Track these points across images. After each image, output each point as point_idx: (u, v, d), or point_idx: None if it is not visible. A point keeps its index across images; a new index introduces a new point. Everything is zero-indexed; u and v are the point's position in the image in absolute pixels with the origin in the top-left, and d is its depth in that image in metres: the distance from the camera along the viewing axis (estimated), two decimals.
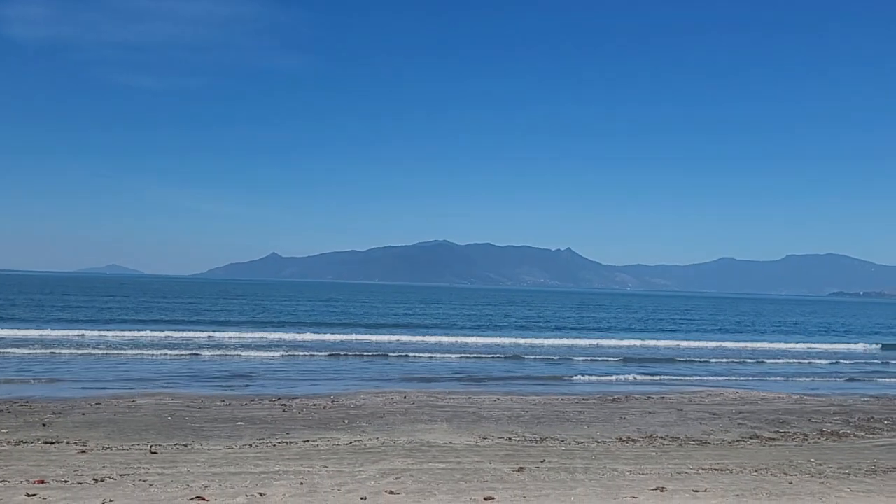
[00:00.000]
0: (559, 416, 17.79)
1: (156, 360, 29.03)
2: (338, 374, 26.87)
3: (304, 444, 13.52)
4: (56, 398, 18.80)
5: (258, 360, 30.52)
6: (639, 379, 27.87)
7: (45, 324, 43.28)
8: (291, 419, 16.45)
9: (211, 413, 16.99)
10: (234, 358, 31.02)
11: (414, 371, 28.36)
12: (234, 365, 28.43)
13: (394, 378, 25.77)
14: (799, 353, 43.11)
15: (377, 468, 11.47)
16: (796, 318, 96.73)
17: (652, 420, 17.50)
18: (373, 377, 25.97)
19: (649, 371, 30.48)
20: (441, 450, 13.19)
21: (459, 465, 11.85)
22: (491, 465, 11.90)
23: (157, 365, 27.54)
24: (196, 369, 26.47)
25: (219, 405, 18.15)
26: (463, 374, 27.57)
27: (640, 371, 30.05)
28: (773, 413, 19.17)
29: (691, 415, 18.47)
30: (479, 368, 30.04)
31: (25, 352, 29.61)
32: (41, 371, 24.45)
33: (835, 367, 35.85)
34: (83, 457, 11.96)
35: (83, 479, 10.37)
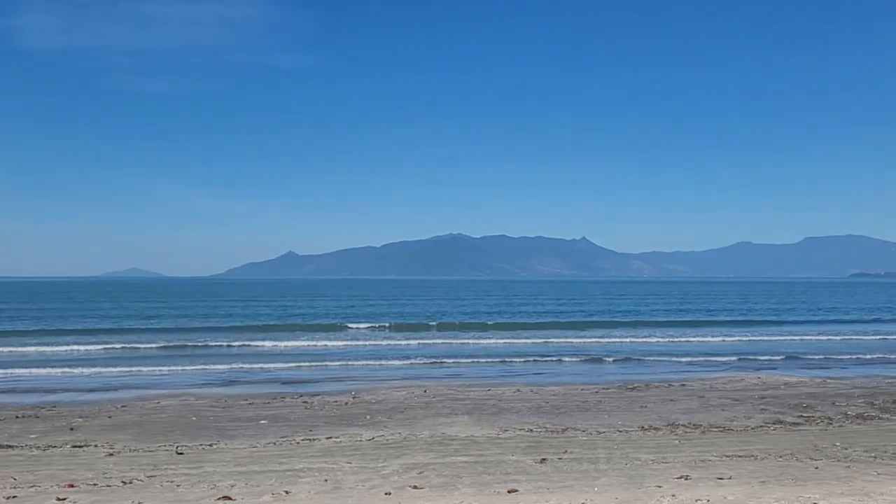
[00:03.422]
0: (580, 405, 17.78)
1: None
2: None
3: (326, 440, 13.62)
4: (83, 402, 19.05)
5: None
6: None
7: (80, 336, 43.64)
8: (314, 416, 16.56)
9: (235, 412, 17.15)
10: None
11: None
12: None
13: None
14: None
15: (400, 463, 11.54)
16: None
17: (673, 407, 17.45)
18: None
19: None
20: (463, 443, 13.24)
21: (482, 458, 11.89)
22: (513, 457, 11.93)
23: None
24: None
25: (242, 404, 18.31)
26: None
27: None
28: (797, 397, 19.05)
29: (713, 401, 18.39)
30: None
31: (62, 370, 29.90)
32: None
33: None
34: (111, 459, 12.12)
35: (112, 481, 10.51)
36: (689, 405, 17.82)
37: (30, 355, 31.13)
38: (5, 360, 29.53)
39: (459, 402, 18.31)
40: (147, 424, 15.61)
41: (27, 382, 23.16)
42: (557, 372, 26.17)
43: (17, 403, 18.68)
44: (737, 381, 22.36)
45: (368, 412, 16.99)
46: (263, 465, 11.54)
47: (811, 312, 67.05)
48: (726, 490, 9.55)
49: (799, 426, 15.05)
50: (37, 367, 26.64)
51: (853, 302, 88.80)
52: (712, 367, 27.69)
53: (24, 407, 18.05)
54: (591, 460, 11.68)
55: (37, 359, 30.13)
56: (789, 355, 31.70)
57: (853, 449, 12.47)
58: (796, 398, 18.90)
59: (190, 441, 13.73)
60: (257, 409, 17.66)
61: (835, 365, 28.48)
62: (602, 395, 19.71)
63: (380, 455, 12.18)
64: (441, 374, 25.15)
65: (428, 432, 14.36)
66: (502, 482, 10.23)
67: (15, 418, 16.43)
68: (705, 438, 13.75)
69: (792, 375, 24.26)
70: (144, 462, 11.84)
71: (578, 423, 15.35)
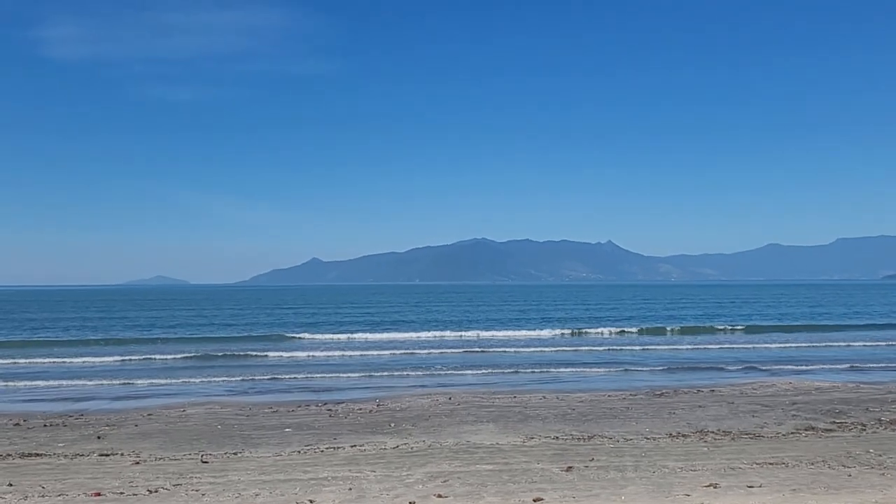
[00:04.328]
0: (606, 412, 17.57)
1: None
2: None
3: (351, 448, 13.58)
4: (110, 410, 19.24)
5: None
6: None
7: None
8: (338, 424, 16.55)
9: (259, 420, 17.19)
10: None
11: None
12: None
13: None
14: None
15: (424, 471, 11.46)
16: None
17: (702, 414, 17.18)
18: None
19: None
20: (488, 451, 13.12)
21: (507, 466, 11.76)
22: (539, 466, 11.79)
23: None
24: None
25: (266, 412, 18.36)
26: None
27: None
28: (829, 403, 18.66)
29: (743, 407, 18.08)
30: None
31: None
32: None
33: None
34: (137, 468, 12.18)
35: (138, 490, 10.56)
36: (719, 411, 17.52)
37: (56, 365, 31.49)
38: (33, 370, 29.88)
39: (484, 410, 18.20)
40: (172, 433, 15.69)
41: (55, 392, 23.44)
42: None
43: (45, 412, 18.90)
44: (767, 387, 21.98)
45: (393, 420, 16.93)
46: (288, 473, 11.52)
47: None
48: (756, 499, 9.35)
49: (831, 432, 14.72)
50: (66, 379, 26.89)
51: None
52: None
53: (51, 415, 18.26)
54: (617, 468, 11.50)
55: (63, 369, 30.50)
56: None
57: (888, 456, 12.15)
58: (828, 403, 18.52)
59: (215, 449, 13.76)
60: (281, 417, 17.69)
61: (869, 369, 27.90)
62: (629, 401, 19.47)
63: (404, 463, 12.10)
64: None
65: (452, 440, 14.26)
66: (527, 491, 10.10)
67: (43, 427, 16.62)
68: (735, 445, 13.49)
69: (824, 380, 23.79)
70: (170, 471, 11.88)
71: (605, 431, 15.16)
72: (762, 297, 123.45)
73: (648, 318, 62.28)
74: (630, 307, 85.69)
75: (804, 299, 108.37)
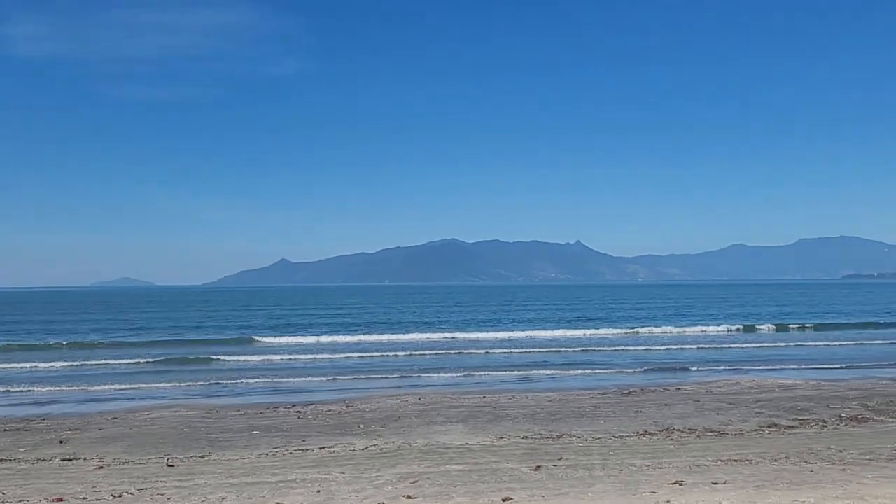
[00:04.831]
0: (575, 411, 17.70)
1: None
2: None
3: (320, 450, 13.51)
4: (73, 414, 18.89)
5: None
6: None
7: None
8: (307, 426, 16.45)
9: (226, 423, 17.02)
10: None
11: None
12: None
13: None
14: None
15: (394, 472, 11.44)
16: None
17: (669, 412, 17.39)
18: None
19: None
20: (458, 451, 13.14)
21: (476, 466, 11.79)
22: (508, 465, 11.84)
23: None
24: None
25: (234, 415, 18.18)
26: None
27: None
28: (792, 400, 19.01)
29: (708, 405, 18.34)
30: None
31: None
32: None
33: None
34: (101, 472, 11.99)
35: (101, 494, 10.38)
36: (685, 409, 17.76)
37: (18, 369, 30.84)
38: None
39: (454, 410, 18.22)
40: (137, 436, 15.46)
41: (16, 396, 22.95)
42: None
43: (6, 416, 18.50)
44: (732, 385, 22.32)
45: (362, 421, 16.88)
46: (256, 476, 11.42)
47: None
48: (721, 495, 9.48)
49: (794, 429, 15.00)
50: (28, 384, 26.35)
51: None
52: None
53: (13, 420, 17.88)
54: (586, 467, 11.59)
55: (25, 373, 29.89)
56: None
57: (848, 452, 12.41)
58: (791, 401, 18.86)
59: (181, 453, 13.59)
60: (249, 419, 17.53)
61: (831, 368, 28.48)
62: (598, 400, 19.64)
63: (373, 464, 12.07)
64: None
65: (422, 441, 14.26)
66: (496, 490, 10.13)
67: (3, 432, 16.26)
68: (700, 443, 13.68)
69: (787, 378, 24.23)
70: (135, 475, 11.71)
71: (574, 430, 15.27)
72: (728, 296, 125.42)
73: (619, 319, 62.82)
74: (600, 308, 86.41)
75: (769, 299, 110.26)
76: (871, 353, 34.10)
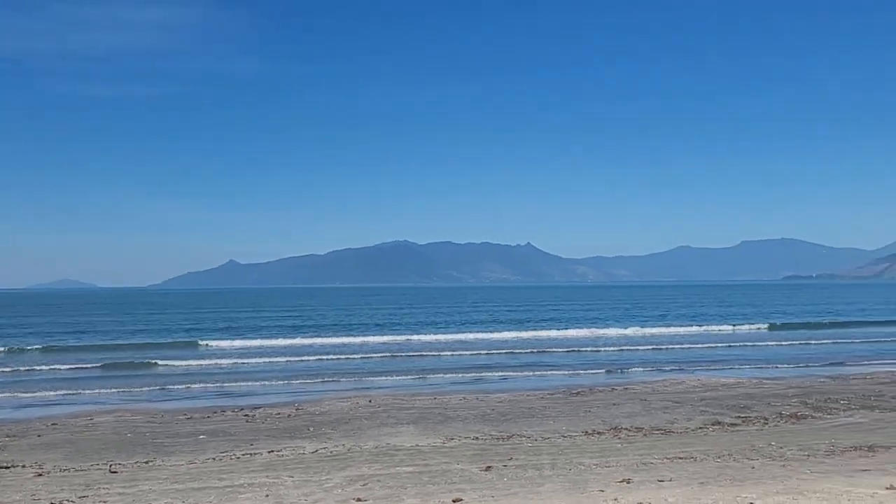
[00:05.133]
0: (525, 412, 17.85)
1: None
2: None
3: (268, 454, 13.33)
4: (10, 420, 18.26)
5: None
6: None
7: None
8: (255, 429, 16.22)
9: (172, 428, 16.67)
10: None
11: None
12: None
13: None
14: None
15: (344, 475, 11.36)
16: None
17: (617, 412, 17.66)
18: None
19: None
20: (408, 453, 13.12)
21: (427, 468, 11.79)
22: (458, 466, 11.87)
23: None
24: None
25: (180, 419, 17.81)
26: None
27: None
28: (735, 398, 19.50)
29: (655, 404, 18.69)
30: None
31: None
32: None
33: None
34: (40, 480, 11.61)
35: (40, 503, 10.06)
36: (632, 409, 18.06)
37: None
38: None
39: (405, 412, 18.19)
40: (79, 442, 15.03)
41: None
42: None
43: None
44: (678, 384, 22.79)
45: (312, 424, 16.72)
46: (202, 481, 11.20)
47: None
48: (667, 492, 9.67)
49: (736, 427, 15.40)
50: None
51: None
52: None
53: None
54: (535, 467, 11.69)
55: None
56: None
57: (788, 448, 12.80)
58: (734, 399, 19.35)
59: (125, 459, 13.26)
60: (196, 423, 17.20)
61: (772, 366, 29.32)
62: (548, 400, 19.83)
63: (323, 468, 11.97)
64: None
65: (373, 443, 14.19)
66: (447, 492, 10.15)
67: None
68: (647, 441, 13.94)
69: (730, 377, 24.85)
70: (76, 482, 11.37)
71: (524, 430, 15.39)
72: (676, 297, 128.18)
73: (569, 321, 63.52)
74: (550, 309, 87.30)
75: (715, 300, 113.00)
76: (810, 353, 35.22)
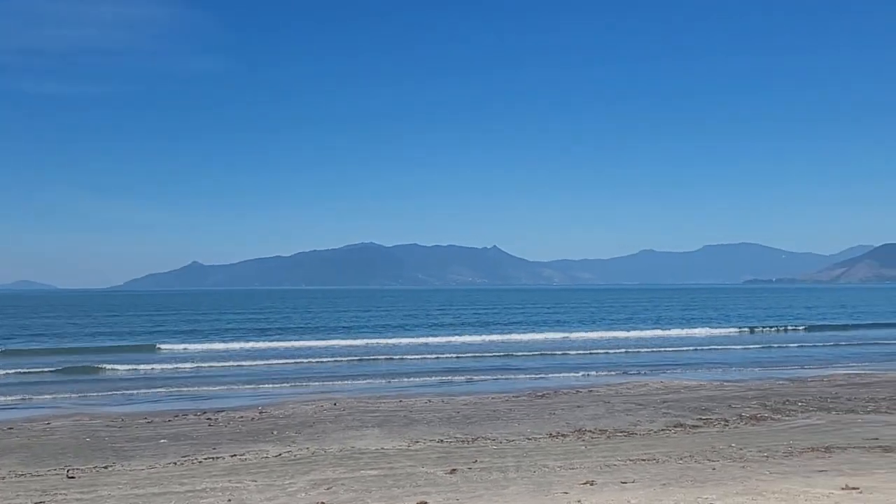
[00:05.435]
0: (490, 415, 17.90)
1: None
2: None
3: (231, 458, 13.18)
4: None
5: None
6: None
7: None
8: (217, 433, 16.02)
9: (132, 432, 16.38)
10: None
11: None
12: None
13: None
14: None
15: (308, 479, 11.27)
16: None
17: (581, 414, 17.81)
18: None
19: None
20: (373, 456, 13.07)
21: (392, 471, 11.76)
22: (423, 469, 11.86)
23: None
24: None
25: (140, 423, 17.52)
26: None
27: None
28: (696, 400, 19.79)
29: (618, 406, 18.88)
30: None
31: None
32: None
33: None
34: None
35: None
36: (596, 411, 18.23)
37: None
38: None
39: (370, 415, 18.12)
40: (35, 447, 14.69)
41: None
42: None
43: None
44: (641, 386, 23.06)
45: (276, 427, 16.57)
46: (163, 486, 11.03)
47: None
48: (629, 494, 9.77)
49: (698, 428, 15.63)
50: None
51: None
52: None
53: None
54: (500, 469, 11.74)
55: None
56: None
57: (748, 449, 13.03)
58: (696, 401, 19.64)
59: (83, 464, 12.99)
60: (157, 427, 16.93)
61: (733, 369, 29.83)
62: (512, 403, 19.92)
63: (287, 472, 11.86)
64: None
65: (337, 446, 14.11)
66: (412, 495, 10.13)
67: None
68: (610, 443, 14.08)
69: (692, 379, 25.22)
70: (32, 488, 11.11)
71: (489, 433, 15.44)
72: (640, 300, 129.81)
73: (535, 324, 63.87)
74: (516, 311, 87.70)
75: (678, 303, 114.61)
76: (771, 356, 35.90)
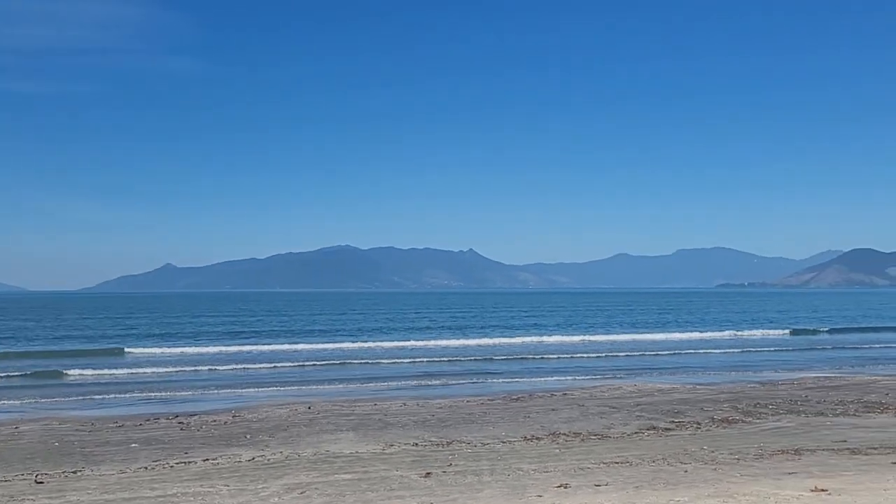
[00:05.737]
0: (465, 418, 17.91)
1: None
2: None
3: (203, 462, 13.04)
4: None
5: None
6: None
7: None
8: (190, 437, 15.85)
9: (102, 436, 16.16)
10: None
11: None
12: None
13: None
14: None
15: (281, 484, 11.19)
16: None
17: (555, 417, 17.89)
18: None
19: None
20: (347, 460, 13.02)
21: (366, 475, 11.72)
22: (398, 473, 11.83)
23: None
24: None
25: (111, 427, 17.28)
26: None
27: None
28: (669, 403, 19.97)
29: (592, 409, 18.99)
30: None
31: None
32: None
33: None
34: None
35: None
36: (571, 414, 18.32)
37: None
38: None
39: (345, 418, 18.04)
40: (3, 452, 14.42)
41: None
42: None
43: None
44: (615, 389, 23.22)
45: (249, 431, 16.43)
46: (134, 491, 10.89)
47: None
48: (603, 497, 9.83)
49: (671, 431, 15.77)
50: None
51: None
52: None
53: None
54: (475, 472, 11.74)
55: None
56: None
57: (719, 452, 13.17)
58: (669, 404, 19.82)
59: (51, 469, 12.78)
60: (128, 431, 16.71)
61: (705, 372, 30.14)
62: (487, 406, 19.95)
63: (260, 476, 11.77)
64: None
65: (311, 450, 14.03)
66: (386, 499, 10.10)
67: None
68: (584, 446, 14.15)
69: (665, 383, 25.44)
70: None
71: (464, 436, 15.45)
72: (616, 304, 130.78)
73: (511, 328, 63.99)
74: (492, 315, 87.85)
75: (654, 306, 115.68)
76: (743, 360, 36.35)
